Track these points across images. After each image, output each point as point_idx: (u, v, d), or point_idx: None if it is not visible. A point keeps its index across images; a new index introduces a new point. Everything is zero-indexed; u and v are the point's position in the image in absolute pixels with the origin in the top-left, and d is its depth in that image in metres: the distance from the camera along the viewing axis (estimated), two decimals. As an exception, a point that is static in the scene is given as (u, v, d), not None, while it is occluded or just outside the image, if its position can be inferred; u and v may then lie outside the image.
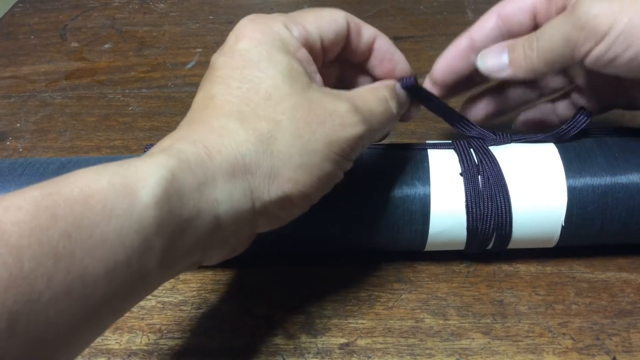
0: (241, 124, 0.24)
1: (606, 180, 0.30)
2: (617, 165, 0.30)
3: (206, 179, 0.22)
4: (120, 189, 0.20)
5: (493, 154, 0.31)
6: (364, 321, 0.31)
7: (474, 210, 0.30)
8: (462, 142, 0.32)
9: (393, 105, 0.29)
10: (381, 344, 0.29)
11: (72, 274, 0.18)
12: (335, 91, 0.27)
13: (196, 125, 0.24)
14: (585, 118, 0.32)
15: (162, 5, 0.64)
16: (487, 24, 0.33)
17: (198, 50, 0.55)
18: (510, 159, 0.31)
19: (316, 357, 0.29)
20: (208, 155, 0.23)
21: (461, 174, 0.30)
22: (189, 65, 0.53)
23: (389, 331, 0.30)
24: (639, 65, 0.27)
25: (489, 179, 0.30)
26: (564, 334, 0.30)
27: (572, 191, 0.30)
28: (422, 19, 0.58)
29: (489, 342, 0.29)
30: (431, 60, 0.52)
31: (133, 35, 0.59)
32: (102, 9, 0.64)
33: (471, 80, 0.35)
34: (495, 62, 0.31)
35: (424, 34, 0.56)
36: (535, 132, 0.33)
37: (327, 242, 0.32)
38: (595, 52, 0.28)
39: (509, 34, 0.33)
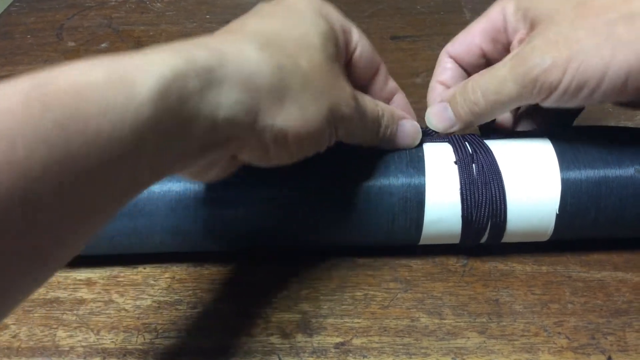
0: (264, 49, 0.24)
1: (600, 169, 0.30)
2: (611, 155, 0.30)
3: (211, 82, 0.22)
4: (117, 83, 0.19)
5: (487, 145, 0.31)
6: (359, 320, 0.31)
7: (468, 197, 0.30)
8: (456, 136, 0.32)
9: (383, 133, 0.31)
10: (377, 343, 0.29)
11: (67, 166, 0.18)
12: (347, 81, 0.28)
13: (216, 37, 0.24)
14: (577, 110, 0.32)
15: (159, 4, 0.64)
16: (447, 65, 0.34)
17: (195, 49, 0.55)
18: (504, 151, 0.31)
19: (312, 357, 0.29)
20: (219, 60, 0.22)
21: (455, 163, 0.31)
22: (186, 65, 0.53)
23: (385, 330, 0.30)
24: (594, 101, 0.28)
25: (483, 167, 0.30)
26: (559, 333, 0.30)
27: (565, 180, 0.30)
28: (420, 18, 0.58)
29: (484, 341, 0.29)
30: (428, 60, 0.52)
31: (130, 35, 0.58)
32: (99, 9, 0.64)
33: None
34: (444, 122, 0.32)
35: (421, 33, 0.56)
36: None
37: (323, 232, 0.32)
38: (548, 102, 0.28)
39: (467, 72, 0.34)
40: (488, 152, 0.31)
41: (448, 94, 0.32)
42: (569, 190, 0.30)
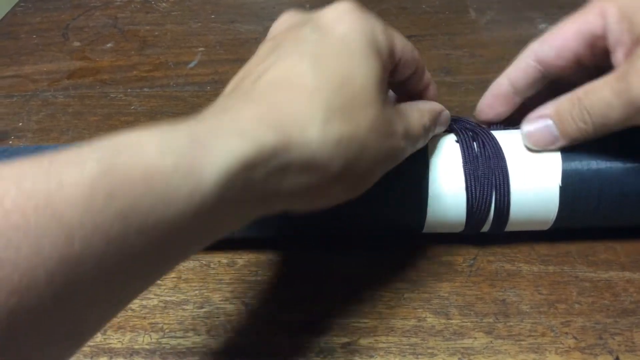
0: (326, 123, 0.23)
1: (601, 146, 0.30)
2: (611, 140, 0.30)
3: (276, 168, 0.21)
4: (185, 174, 0.18)
5: (488, 129, 0.32)
6: (366, 320, 0.31)
7: (470, 172, 0.30)
8: (458, 123, 0.33)
9: (429, 135, 0.30)
10: (383, 343, 0.29)
11: (121, 257, 0.17)
12: (394, 110, 0.27)
13: (279, 105, 0.22)
14: None
15: (164, 4, 0.64)
16: (525, 66, 0.32)
17: (200, 49, 0.55)
18: (505, 138, 0.32)
19: (318, 357, 0.29)
20: (285, 145, 0.21)
21: (457, 141, 0.32)
22: (191, 65, 0.53)
23: (392, 330, 0.30)
24: None
25: (484, 143, 0.31)
26: (566, 333, 0.29)
27: (567, 155, 0.31)
28: (425, 18, 0.58)
29: (491, 341, 0.29)
30: (433, 59, 0.52)
31: (135, 35, 0.59)
32: (104, 9, 0.64)
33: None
34: (546, 139, 0.30)
35: (426, 33, 0.55)
36: None
37: (326, 213, 0.31)
38: None
39: (550, 77, 0.32)
40: (488, 132, 0.32)
41: (550, 110, 0.30)
42: (571, 165, 0.30)
